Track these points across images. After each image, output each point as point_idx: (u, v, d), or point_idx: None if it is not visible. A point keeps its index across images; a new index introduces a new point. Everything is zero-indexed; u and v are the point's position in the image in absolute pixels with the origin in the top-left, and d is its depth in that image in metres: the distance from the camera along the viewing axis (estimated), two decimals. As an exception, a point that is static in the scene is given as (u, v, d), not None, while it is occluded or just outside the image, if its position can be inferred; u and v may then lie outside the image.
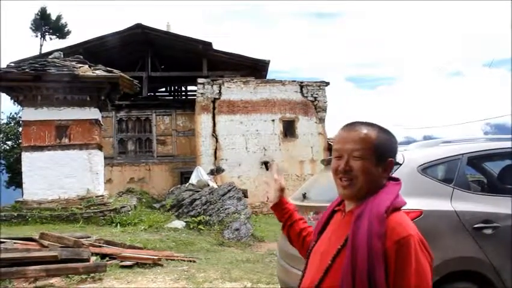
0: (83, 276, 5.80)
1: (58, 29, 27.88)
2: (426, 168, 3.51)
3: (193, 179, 15.21)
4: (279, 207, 2.04)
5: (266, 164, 18.72)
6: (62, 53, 13.09)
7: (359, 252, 1.33)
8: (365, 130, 1.49)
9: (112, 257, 6.88)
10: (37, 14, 27.24)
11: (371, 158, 1.46)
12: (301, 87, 19.44)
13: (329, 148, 19.03)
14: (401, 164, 3.47)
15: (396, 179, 1.54)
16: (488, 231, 3.32)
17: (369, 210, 1.40)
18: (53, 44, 28.95)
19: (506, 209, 3.45)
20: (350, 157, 1.47)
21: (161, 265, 6.74)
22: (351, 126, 1.54)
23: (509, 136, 4.55)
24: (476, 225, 3.29)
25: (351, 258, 1.34)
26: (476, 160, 4.15)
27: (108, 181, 17.82)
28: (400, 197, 1.46)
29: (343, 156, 1.49)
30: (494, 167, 4.50)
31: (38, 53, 21.66)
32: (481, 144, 4.08)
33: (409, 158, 3.56)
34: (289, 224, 2.01)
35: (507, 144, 4.12)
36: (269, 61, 20.90)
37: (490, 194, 3.86)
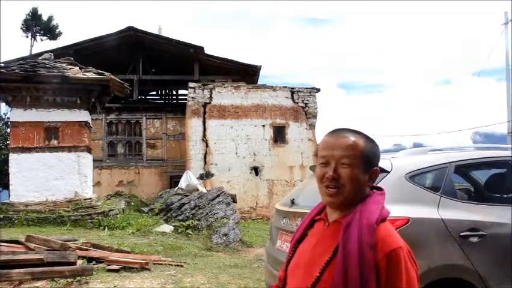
0: (69, 280, 5.75)
1: (49, 29, 27.79)
2: (414, 176, 3.53)
3: (182, 183, 15.16)
4: None
5: (256, 169, 18.72)
6: (52, 54, 13.01)
7: (350, 263, 1.31)
8: (352, 137, 1.46)
9: (98, 260, 6.82)
10: (28, 14, 27.13)
11: (359, 166, 1.43)
12: (292, 93, 19.48)
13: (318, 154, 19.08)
14: (389, 172, 3.49)
15: (379, 188, 1.53)
16: (474, 239, 3.34)
17: (358, 219, 1.37)
18: (43, 45, 28.74)
19: (492, 218, 3.48)
20: (338, 164, 1.43)
21: (149, 269, 6.70)
22: (338, 132, 1.51)
23: (497, 145, 4.60)
24: (462, 233, 3.32)
25: (343, 269, 1.32)
26: (464, 168, 4.20)
27: (97, 184, 17.71)
28: (385, 207, 1.45)
29: (330, 163, 1.45)
30: (482, 176, 4.55)
31: (28, 54, 21.53)
32: (468, 153, 4.12)
33: (397, 165, 3.58)
34: None
35: (494, 153, 4.17)
36: (260, 66, 20.94)
37: (476, 202, 3.90)
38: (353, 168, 1.42)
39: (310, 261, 1.44)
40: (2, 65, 12.21)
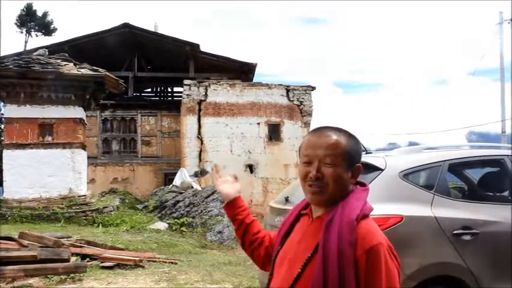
0: (63, 277, 5.73)
1: (44, 26, 27.61)
2: (408, 174, 3.54)
3: (177, 181, 15.18)
4: (235, 204, 1.92)
5: (251, 167, 18.72)
6: (47, 50, 12.94)
7: (330, 260, 1.32)
8: (335, 136, 1.47)
9: (92, 257, 6.81)
10: (23, 10, 26.94)
11: (342, 164, 1.43)
12: (288, 91, 19.46)
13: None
14: (383, 170, 3.50)
15: (363, 184, 1.53)
16: (467, 238, 3.36)
17: (339, 217, 1.38)
18: (38, 41, 28.57)
19: (485, 216, 3.50)
20: (321, 163, 1.44)
21: (143, 266, 6.69)
22: (320, 131, 1.51)
23: (491, 144, 4.63)
24: (455, 232, 3.33)
25: (323, 266, 1.33)
26: (457, 167, 4.21)
27: (91, 181, 17.65)
28: (368, 203, 1.46)
29: (313, 163, 1.46)
30: (475, 174, 4.57)
31: (22, 50, 21.42)
32: (462, 152, 4.14)
33: (391, 163, 3.58)
34: (248, 223, 1.87)
35: (488, 152, 4.19)
36: (256, 64, 20.91)
37: (470, 200, 3.92)
38: (336, 167, 1.43)
39: (294, 257, 1.46)
40: (-4, 60, 12.12)
